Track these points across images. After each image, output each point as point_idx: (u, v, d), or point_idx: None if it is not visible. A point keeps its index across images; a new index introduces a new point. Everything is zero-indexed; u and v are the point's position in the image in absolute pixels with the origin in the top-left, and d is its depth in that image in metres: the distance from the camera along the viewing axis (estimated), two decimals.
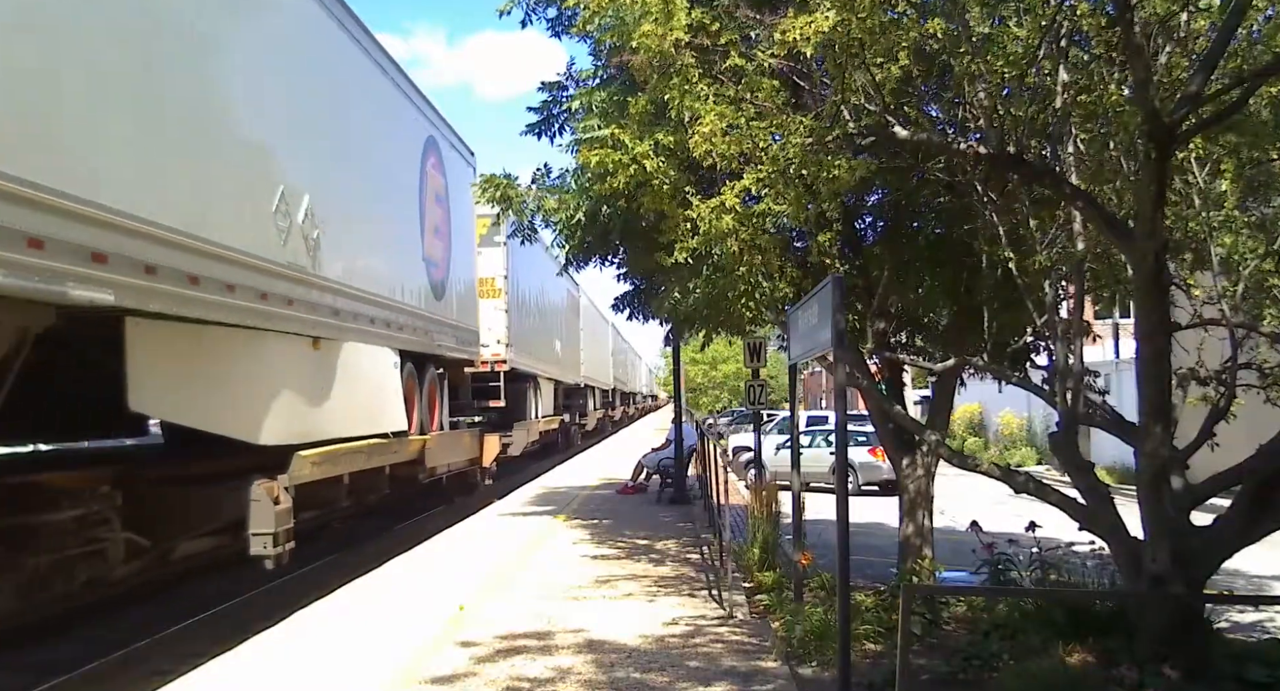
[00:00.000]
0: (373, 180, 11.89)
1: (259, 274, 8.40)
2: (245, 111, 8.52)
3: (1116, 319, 22.39)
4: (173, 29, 7.40)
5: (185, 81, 7.55)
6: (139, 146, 6.88)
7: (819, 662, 6.33)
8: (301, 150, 9.59)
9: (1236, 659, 5.53)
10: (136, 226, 6.62)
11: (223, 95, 8.16)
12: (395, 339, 12.19)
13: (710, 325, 9.57)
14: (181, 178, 7.40)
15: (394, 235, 12.74)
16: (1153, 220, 5.26)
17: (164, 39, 7.28)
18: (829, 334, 5.34)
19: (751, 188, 6.17)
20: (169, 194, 7.18)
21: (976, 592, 7.49)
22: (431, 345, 13.92)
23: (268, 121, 8.92)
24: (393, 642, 6.97)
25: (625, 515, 14.75)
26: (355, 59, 11.29)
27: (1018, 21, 5.72)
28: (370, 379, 11.47)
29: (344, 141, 10.84)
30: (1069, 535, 6.91)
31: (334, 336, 10.24)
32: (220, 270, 7.73)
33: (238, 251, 8.03)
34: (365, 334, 11.19)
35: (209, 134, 7.90)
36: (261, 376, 8.87)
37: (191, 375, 7.89)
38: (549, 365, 24.74)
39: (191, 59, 7.65)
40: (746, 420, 24.66)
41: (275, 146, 9.05)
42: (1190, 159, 5.94)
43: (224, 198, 8.04)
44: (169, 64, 7.35)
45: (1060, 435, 6.36)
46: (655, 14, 5.81)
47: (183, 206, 7.34)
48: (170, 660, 7.78)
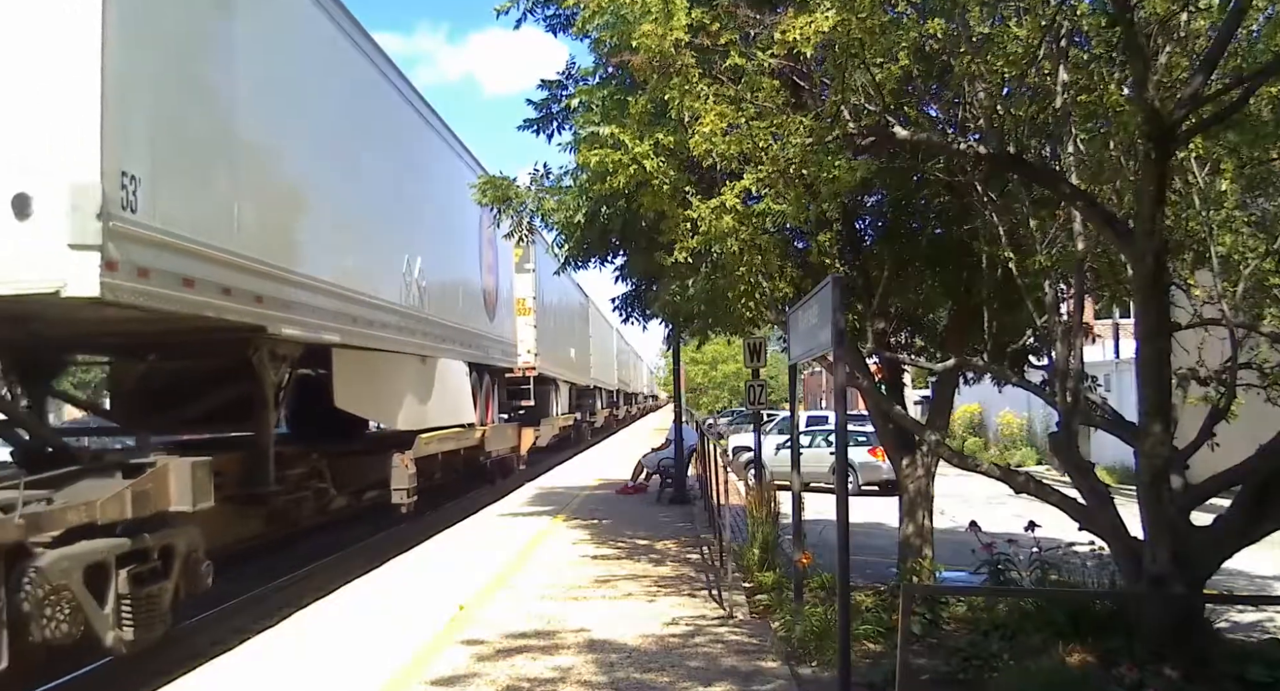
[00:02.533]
0: (453, 240, 15.86)
1: (398, 315, 12.35)
2: (392, 209, 12.54)
3: (1116, 319, 22.39)
4: (366, 167, 11.48)
5: (372, 203, 11.68)
6: (347, 244, 10.76)
7: (819, 662, 6.33)
8: (415, 227, 13.52)
9: (1236, 659, 5.53)
10: (351, 295, 10.53)
11: (381, 201, 12.11)
12: (466, 354, 16.34)
13: (709, 322, 9.57)
14: (368, 257, 11.45)
15: (464, 278, 16.77)
16: (1153, 220, 5.26)
17: (364, 178, 11.42)
18: (829, 334, 5.34)
19: (751, 188, 6.17)
20: (362, 269, 11.08)
21: (976, 592, 7.49)
22: (487, 357, 18.10)
23: (401, 212, 12.93)
24: (393, 642, 6.97)
25: (625, 515, 14.74)
26: (441, 149, 15.05)
27: (1018, 21, 5.71)
28: (452, 384, 15.70)
29: (435, 214, 14.51)
30: (1069, 535, 6.91)
31: (432, 354, 14.38)
32: (382, 315, 11.62)
33: (389, 302, 12.02)
34: (449, 351, 15.28)
35: (379, 228, 12.03)
36: (397, 382, 13.02)
37: (364, 383, 11.70)
38: (566, 370, 28.41)
39: (369, 182, 11.55)
40: (746, 420, 24.76)
41: (404, 228, 13.05)
42: (1190, 159, 5.94)
43: (385, 267, 12.07)
44: (366, 193, 11.44)
45: (1060, 435, 6.36)
46: (655, 14, 5.80)
47: (368, 276, 11.19)
48: (169, 661, 7.78)
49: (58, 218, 5.86)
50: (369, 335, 11.12)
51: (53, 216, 5.88)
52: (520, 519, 14.32)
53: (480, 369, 17.65)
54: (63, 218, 5.84)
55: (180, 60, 7.10)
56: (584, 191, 9.24)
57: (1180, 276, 6.54)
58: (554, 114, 10.40)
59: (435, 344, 14.23)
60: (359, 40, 11.18)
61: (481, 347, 17.47)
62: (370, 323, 11.11)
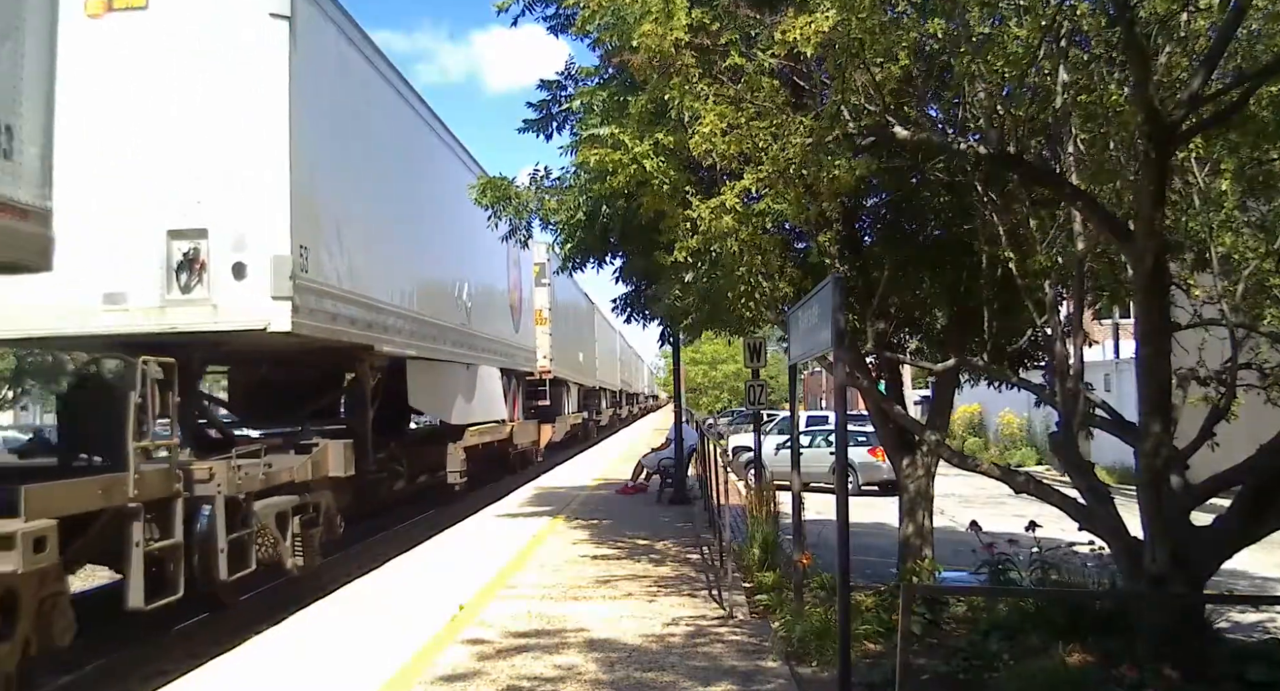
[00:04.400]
0: (489, 264, 18.57)
1: (453, 332, 15.45)
2: (449, 248, 15.55)
3: (1116, 319, 22.40)
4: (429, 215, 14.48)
5: (437, 247, 14.90)
6: (422, 281, 13.88)
7: (819, 662, 6.32)
8: (462, 258, 16.36)
9: (1236, 659, 5.53)
10: (423, 319, 13.53)
11: (443, 244, 15.18)
12: (499, 360, 19.49)
13: (708, 321, 9.56)
14: (434, 289, 14.63)
15: (497, 296, 19.77)
16: (1153, 220, 5.25)
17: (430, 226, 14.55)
18: (829, 334, 5.34)
19: (751, 188, 6.16)
20: (431, 298, 14.16)
21: (976, 592, 7.49)
22: (514, 363, 21.12)
23: (453, 248, 15.79)
24: (394, 642, 6.97)
25: (625, 515, 14.75)
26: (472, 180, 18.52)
27: (1018, 21, 5.71)
28: (489, 386, 18.91)
29: (475, 244, 16.32)
30: (1069, 535, 6.91)
31: (475, 362, 17.51)
32: (443, 333, 14.70)
33: (448, 323, 15.07)
34: (487, 359, 18.45)
35: (442, 266, 15.24)
36: (451, 386, 16.04)
37: (430, 386, 14.67)
38: (576, 372, 31.51)
39: (434, 229, 14.67)
40: (746, 420, 24.81)
41: (456, 261, 16.04)
42: (1190, 159, 5.94)
43: (444, 295, 15.18)
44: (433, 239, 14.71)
45: (1060, 435, 6.35)
46: (655, 13, 5.80)
47: (434, 303, 14.30)
48: (170, 660, 7.79)
49: (263, 278, 8.64)
50: (434, 349, 14.28)
51: (260, 278, 8.65)
52: (520, 519, 14.32)
53: (508, 373, 20.76)
54: (267, 279, 8.64)
55: (330, 169, 10.04)
56: (584, 191, 9.25)
57: (1180, 276, 6.54)
58: (554, 115, 10.40)
59: (477, 354, 17.52)
60: (414, 104, 13.71)
61: (509, 355, 20.59)
62: (435, 339, 14.24)
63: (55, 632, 6.28)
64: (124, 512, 6.91)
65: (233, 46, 8.79)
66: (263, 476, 8.92)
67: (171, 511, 7.45)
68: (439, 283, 15.04)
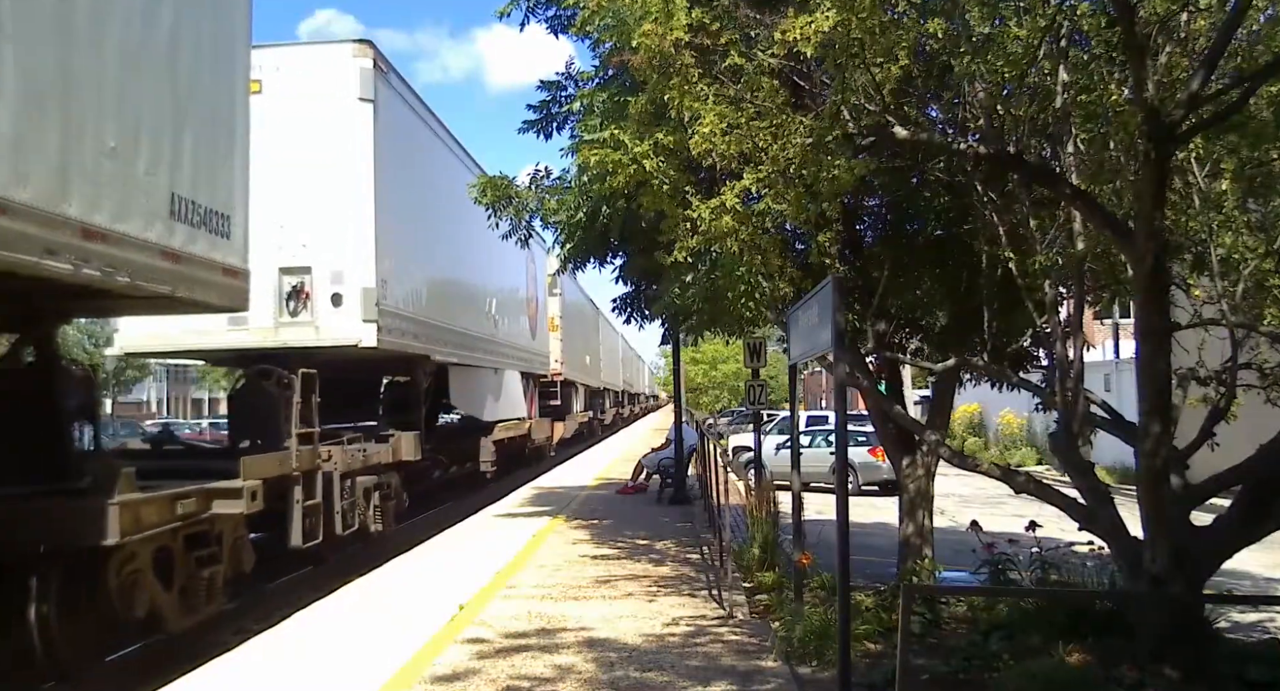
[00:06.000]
0: (512, 281, 21.60)
1: (485, 341, 18.28)
2: (481, 270, 18.23)
3: (1116, 319, 22.39)
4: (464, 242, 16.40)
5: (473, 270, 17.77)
6: (462, 300, 16.83)
7: (819, 662, 6.32)
8: (491, 275, 19.12)
9: (1236, 659, 5.53)
10: (464, 331, 16.36)
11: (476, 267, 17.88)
12: (519, 365, 22.24)
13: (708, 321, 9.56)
14: (471, 306, 17.55)
15: (517, 308, 22.38)
16: (1152, 220, 5.25)
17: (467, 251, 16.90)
18: (829, 334, 5.34)
19: (751, 188, 6.15)
20: (469, 314, 17.11)
21: (976, 592, 7.49)
22: (531, 367, 23.96)
23: (484, 269, 18.43)
24: (394, 642, 6.97)
25: (625, 515, 14.74)
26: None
27: (1018, 21, 5.71)
28: (512, 388, 21.70)
29: (499, 262, 19.23)
30: (1069, 535, 6.91)
31: (501, 367, 20.44)
32: (477, 343, 17.54)
33: (480, 333, 17.87)
34: (511, 364, 21.32)
35: (476, 286, 18.17)
36: (483, 388, 18.97)
37: (466, 389, 17.49)
38: (583, 374, 34.29)
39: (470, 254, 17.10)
40: (746, 420, 24.86)
41: (486, 280, 18.84)
42: (1190, 159, 5.93)
43: (478, 311, 18.11)
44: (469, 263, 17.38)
45: (1060, 435, 6.35)
46: (655, 14, 5.80)
47: (471, 318, 17.19)
48: (170, 660, 7.78)
49: (355, 306, 11.45)
50: (471, 356, 17.17)
51: (353, 305, 11.45)
52: (520, 519, 14.32)
53: (526, 375, 23.44)
54: (358, 306, 11.45)
55: (399, 216, 12.60)
56: (584, 192, 9.25)
57: (1180, 276, 6.54)
58: (554, 115, 10.40)
59: (503, 360, 20.34)
60: (451, 145, 15.94)
61: (528, 360, 23.36)
62: (471, 349, 17.05)
63: (244, 561, 9.04)
64: (289, 478, 9.93)
65: (330, 122, 11.43)
66: (362, 459, 11.99)
67: (314, 480, 10.47)
68: (474, 300, 17.94)
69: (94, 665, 7.40)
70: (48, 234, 5.85)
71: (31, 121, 5.73)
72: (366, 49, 11.64)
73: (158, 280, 7.04)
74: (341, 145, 11.41)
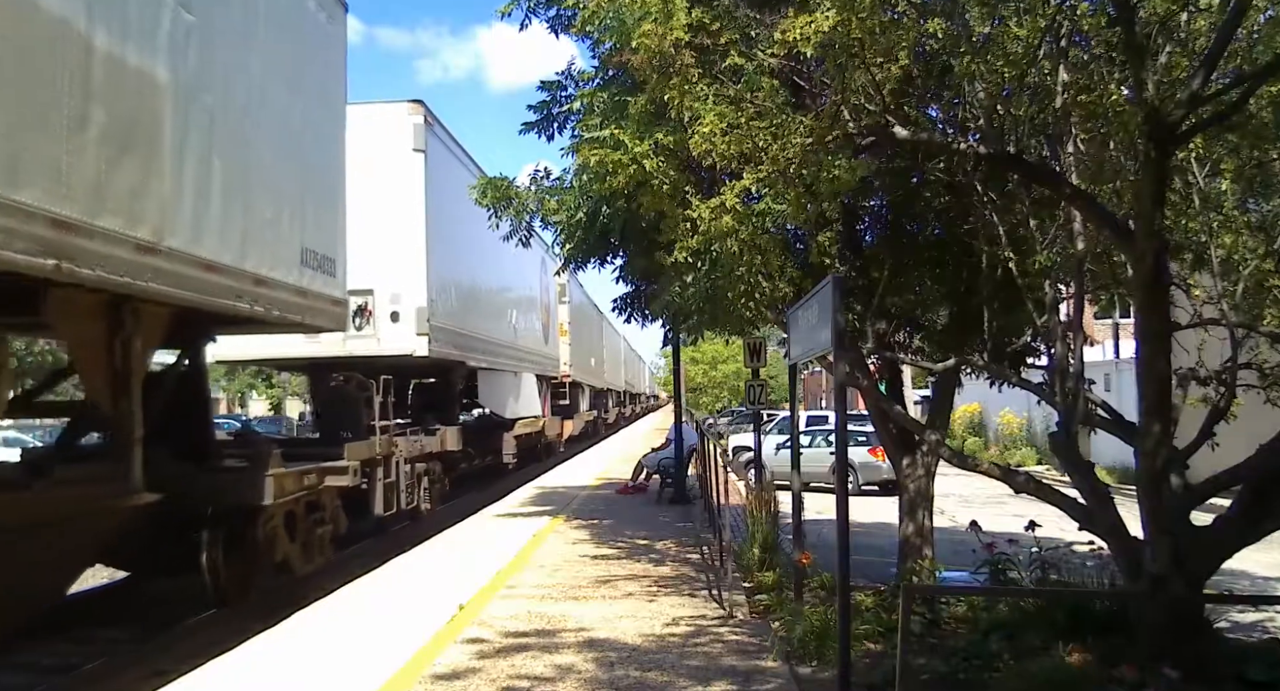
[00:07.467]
0: (528, 292, 24.34)
1: (507, 348, 20.74)
2: (505, 284, 20.90)
3: (1116, 319, 22.39)
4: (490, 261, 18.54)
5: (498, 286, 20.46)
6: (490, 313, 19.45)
7: (819, 662, 6.32)
8: (511, 287, 21.79)
9: (1236, 659, 5.53)
10: (491, 339, 18.99)
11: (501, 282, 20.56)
12: (535, 367, 24.98)
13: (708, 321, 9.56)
14: (497, 317, 20.13)
15: (533, 317, 25.00)
16: (1153, 220, 5.25)
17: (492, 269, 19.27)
18: (829, 334, 5.34)
19: (751, 188, 6.16)
20: (495, 325, 19.64)
21: (976, 592, 7.48)
22: (544, 369, 26.62)
23: (507, 282, 21.12)
24: (394, 641, 6.97)
25: (625, 515, 14.74)
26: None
27: (1018, 21, 5.71)
28: (529, 389, 24.30)
29: (519, 276, 22.21)
30: (1069, 535, 6.91)
31: (520, 370, 23.06)
32: (501, 349, 20.00)
33: (503, 341, 20.33)
34: (528, 367, 23.94)
35: (501, 299, 20.65)
36: (506, 389, 21.73)
37: (493, 390, 20.40)
38: (588, 376, 36.76)
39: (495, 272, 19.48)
40: (746, 420, 24.86)
41: (509, 293, 21.58)
42: (1190, 159, 5.93)
43: (502, 321, 20.63)
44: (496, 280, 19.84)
45: (1060, 435, 6.35)
46: (655, 14, 5.80)
47: (497, 327, 19.70)
48: (170, 660, 7.79)
49: (410, 322, 14.08)
50: (496, 362, 19.77)
51: (409, 321, 14.08)
52: (520, 519, 14.32)
53: (540, 378, 25.94)
54: (413, 322, 14.08)
55: (443, 244, 15.20)
56: (584, 192, 9.24)
57: (1180, 276, 6.53)
58: (554, 115, 10.39)
59: (521, 364, 22.89)
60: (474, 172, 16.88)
61: (541, 363, 25.98)
62: (496, 355, 19.55)
63: (339, 525, 11.70)
64: (374, 460, 12.76)
65: (389, 169, 14.03)
66: (419, 448, 14.84)
67: (390, 464, 13.31)
68: (499, 312, 20.36)
69: (244, 597, 9.67)
70: (236, 283, 8.39)
71: (228, 207, 8.24)
72: (419, 107, 14.43)
73: (293, 312, 9.72)
74: (398, 188, 14.07)
